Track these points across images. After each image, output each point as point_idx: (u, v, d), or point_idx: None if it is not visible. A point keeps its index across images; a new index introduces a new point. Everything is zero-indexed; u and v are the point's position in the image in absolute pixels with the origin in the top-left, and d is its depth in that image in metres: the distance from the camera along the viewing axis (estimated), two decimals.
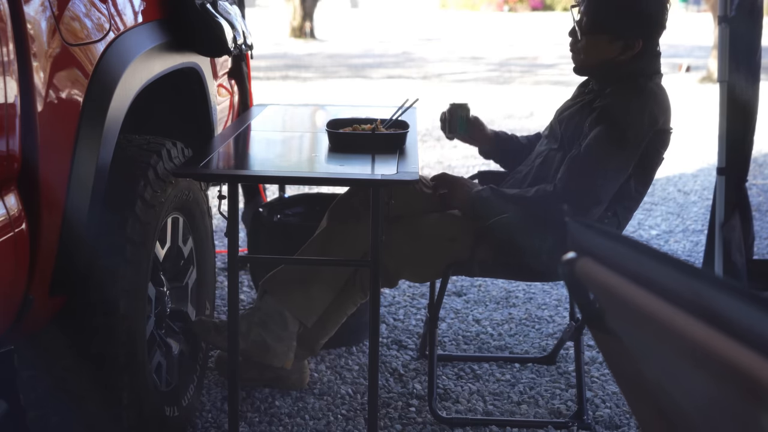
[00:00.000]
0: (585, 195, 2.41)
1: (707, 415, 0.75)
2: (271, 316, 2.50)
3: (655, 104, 2.46)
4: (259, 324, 2.49)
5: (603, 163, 2.40)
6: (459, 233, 2.51)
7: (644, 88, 2.46)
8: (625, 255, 0.81)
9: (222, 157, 2.45)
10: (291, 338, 2.51)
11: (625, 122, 2.40)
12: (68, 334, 2.01)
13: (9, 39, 1.65)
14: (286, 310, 2.50)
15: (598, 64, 2.52)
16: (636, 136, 2.41)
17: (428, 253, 2.51)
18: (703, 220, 4.93)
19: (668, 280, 0.74)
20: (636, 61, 2.48)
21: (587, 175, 2.40)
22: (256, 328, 2.49)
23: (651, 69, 2.51)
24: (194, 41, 2.52)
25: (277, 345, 2.49)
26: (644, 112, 2.42)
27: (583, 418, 2.58)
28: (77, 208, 1.89)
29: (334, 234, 2.57)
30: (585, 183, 2.41)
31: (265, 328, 2.49)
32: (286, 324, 2.50)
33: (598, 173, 2.41)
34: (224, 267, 3.78)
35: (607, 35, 2.48)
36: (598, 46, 2.50)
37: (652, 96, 2.46)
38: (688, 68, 13.89)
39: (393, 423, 2.56)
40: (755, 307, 0.65)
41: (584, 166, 2.40)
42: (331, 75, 13.53)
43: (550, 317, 3.43)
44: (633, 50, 2.47)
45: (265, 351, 2.48)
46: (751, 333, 0.65)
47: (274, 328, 2.49)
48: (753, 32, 3.19)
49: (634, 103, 2.43)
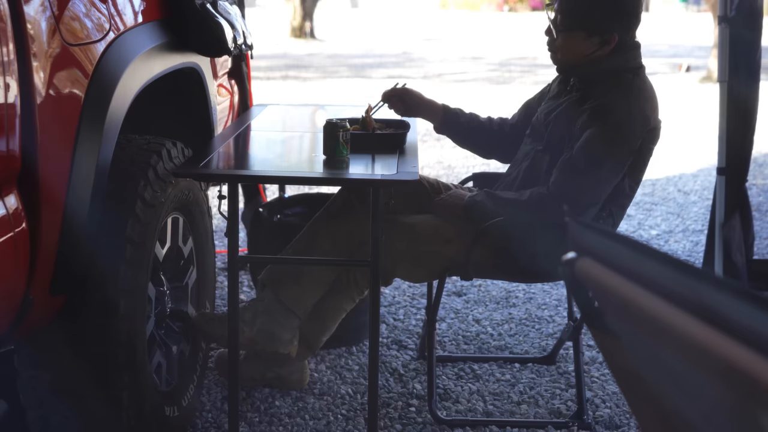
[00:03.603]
0: (581, 197, 2.41)
1: (707, 415, 0.75)
2: (274, 305, 2.53)
3: (645, 102, 2.45)
4: (264, 312, 2.51)
5: (597, 164, 2.40)
6: (456, 235, 2.51)
7: (632, 86, 2.46)
8: (625, 255, 0.81)
9: (222, 157, 2.45)
10: (295, 326, 2.54)
11: (617, 123, 2.40)
12: (68, 334, 2.01)
13: (9, 39, 1.65)
14: (285, 301, 2.53)
15: (578, 61, 2.51)
16: (629, 135, 2.41)
17: (424, 253, 2.51)
18: (703, 220, 4.93)
19: (668, 280, 0.74)
20: (615, 55, 2.49)
21: (582, 177, 2.40)
22: (261, 315, 2.51)
23: (633, 63, 2.51)
24: (194, 41, 2.51)
25: (282, 332, 2.51)
26: (635, 112, 2.42)
27: (583, 418, 2.58)
28: (77, 208, 1.89)
29: (324, 229, 2.58)
30: (580, 185, 2.40)
31: (270, 315, 2.51)
32: (289, 313, 2.53)
33: (593, 175, 2.40)
34: (224, 267, 3.78)
35: (583, 31, 2.48)
36: (575, 42, 2.50)
37: (641, 94, 2.46)
38: (688, 68, 13.89)
39: (393, 423, 2.56)
40: (755, 307, 0.65)
41: (579, 168, 2.40)
42: (331, 75, 13.53)
43: (550, 317, 3.43)
44: (610, 45, 2.47)
45: (271, 338, 2.50)
46: (751, 333, 0.65)
47: (278, 317, 2.51)
48: (753, 32, 3.19)
49: (624, 102, 2.42)
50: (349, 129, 2.33)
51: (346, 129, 2.31)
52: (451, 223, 2.54)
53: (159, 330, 2.37)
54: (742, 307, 0.66)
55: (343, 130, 2.30)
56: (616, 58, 2.49)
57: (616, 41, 2.47)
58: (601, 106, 2.42)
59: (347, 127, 2.32)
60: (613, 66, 2.48)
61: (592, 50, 2.48)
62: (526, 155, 2.62)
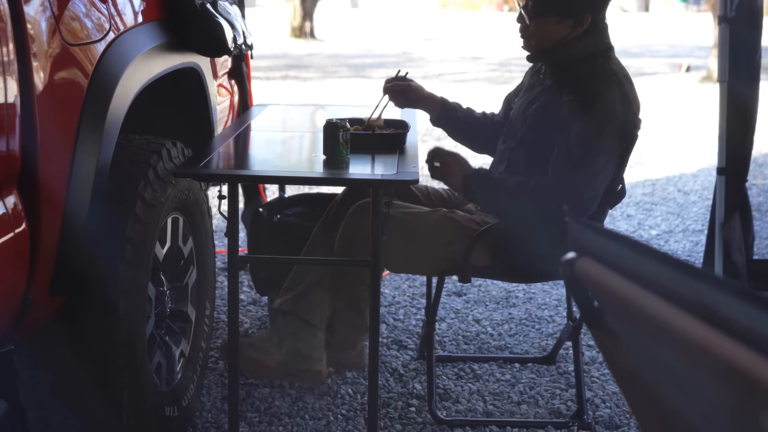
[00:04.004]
0: (582, 191, 2.40)
1: (707, 415, 0.75)
2: (299, 326, 2.55)
3: (625, 86, 2.44)
4: (291, 335, 2.55)
5: (592, 157, 2.39)
6: (457, 237, 2.50)
7: (607, 71, 2.45)
8: (625, 255, 0.81)
9: (222, 157, 2.45)
10: (321, 343, 2.56)
11: (603, 112, 2.39)
12: (68, 335, 2.01)
13: (9, 39, 1.65)
14: (306, 320, 2.56)
15: (551, 46, 2.51)
16: (617, 122, 2.41)
17: (424, 254, 2.51)
18: (703, 220, 4.93)
19: (668, 280, 0.74)
20: (587, 37, 2.48)
21: (579, 172, 2.39)
22: (289, 338, 2.54)
23: (603, 44, 2.51)
24: (194, 41, 2.51)
25: (311, 350, 2.53)
26: (618, 97, 2.41)
27: (583, 418, 2.58)
28: (77, 208, 1.89)
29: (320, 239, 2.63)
30: (578, 180, 2.40)
31: (297, 337, 2.54)
32: (312, 329, 2.55)
33: (589, 168, 2.39)
34: (224, 267, 3.78)
35: (555, 15, 2.48)
36: (548, 27, 2.49)
37: (619, 78, 2.45)
38: (688, 68, 13.89)
39: (393, 423, 2.56)
40: (755, 307, 0.65)
41: (574, 164, 2.39)
42: (331, 75, 13.53)
43: (550, 317, 3.43)
44: (583, 26, 2.47)
45: (301, 359, 2.53)
46: (751, 333, 0.65)
47: (305, 336, 2.54)
48: (753, 32, 3.19)
49: (605, 90, 2.41)
50: (349, 129, 2.33)
51: (346, 129, 2.31)
52: (453, 224, 2.53)
53: (159, 330, 2.37)
54: (742, 307, 0.66)
55: (343, 130, 2.30)
56: (588, 40, 2.48)
57: (589, 22, 2.46)
58: (584, 98, 2.41)
59: (347, 127, 2.32)
60: (584, 49, 2.48)
61: (566, 33, 2.48)
62: (502, 157, 2.62)
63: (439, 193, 2.81)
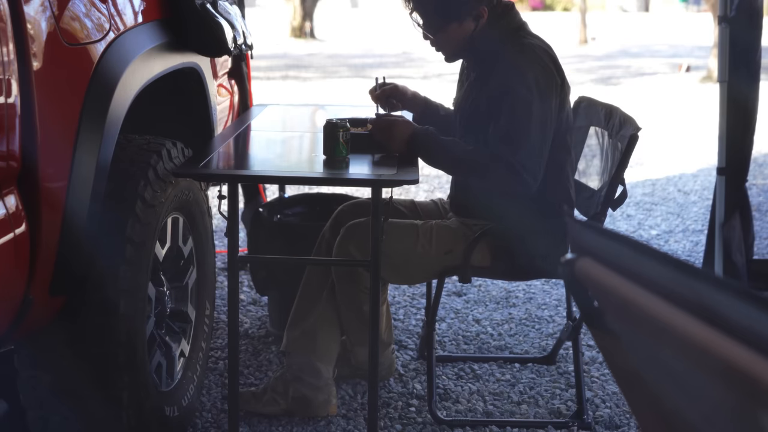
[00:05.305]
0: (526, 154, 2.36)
1: (707, 415, 0.75)
2: (303, 370, 2.55)
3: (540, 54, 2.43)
4: (294, 380, 2.54)
5: (527, 118, 2.36)
6: (455, 245, 2.50)
7: (523, 46, 2.45)
8: (625, 255, 0.81)
9: (222, 157, 2.45)
10: (328, 385, 2.56)
11: (526, 85, 2.37)
12: (68, 335, 2.01)
13: (9, 39, 1.66)
14: (312, 359, 2.55)
15: (464, 45, 2.50)
16: (542, 91, 2.38)
17: (423, 264, 2.51)
18: (703, 220, 4.93)
19: (668, 280, 0.74)
20: (494, 23, 2.48)
21: (520, 135, 2.36)
22: (293, 384, 2.54)
23: (514, 23, 2.50)
24: (194, 41, 2.51)
25: (316, 395, 2.53)
26: (537, 67, 2.40)
27: (583, 418, 2.58)
28: (77, 208, 1.89)
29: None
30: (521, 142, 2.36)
31: (301, 382, 2.54)
32: (319, 372, 2.55)
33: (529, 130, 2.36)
34: (224, 267, 3.78)
35: (452, 22, 2.46)
36: (452, 34, 2.48)
37: (533, 49, 2.44)
38: (688, 68, 13.89)
39: (393, 423, 2.56)
40: (755, 307, 0.65)
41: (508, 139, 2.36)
42: (331, 75, 13.53)
43: (550, 317, 3.43)
44: (483, 17, 2.46)
45: (307, 405, 2.54)
46: (751, 333, 0.65)
47: (309, 380, 2.54)
48: (753, 32, 3.19)
49: (522, 59, 2.41)
50: (349, 129, 2.33)
51: (346, 129, 2.31)
52: (450, 232, 2.52)
53: (159, 330, 2.37)
54: (742, 307, 0.66)
55: (343, 130, 2.30)
56: (496, 25, 2.48)
57: (487, 12, 2.46)
58: (504, 79, 2.40)
59: (347, 127, 2.32)
60: (496, 35, 2.47)
61: (471, 29, 2.47)
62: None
63: (427, 206, 2.80)
